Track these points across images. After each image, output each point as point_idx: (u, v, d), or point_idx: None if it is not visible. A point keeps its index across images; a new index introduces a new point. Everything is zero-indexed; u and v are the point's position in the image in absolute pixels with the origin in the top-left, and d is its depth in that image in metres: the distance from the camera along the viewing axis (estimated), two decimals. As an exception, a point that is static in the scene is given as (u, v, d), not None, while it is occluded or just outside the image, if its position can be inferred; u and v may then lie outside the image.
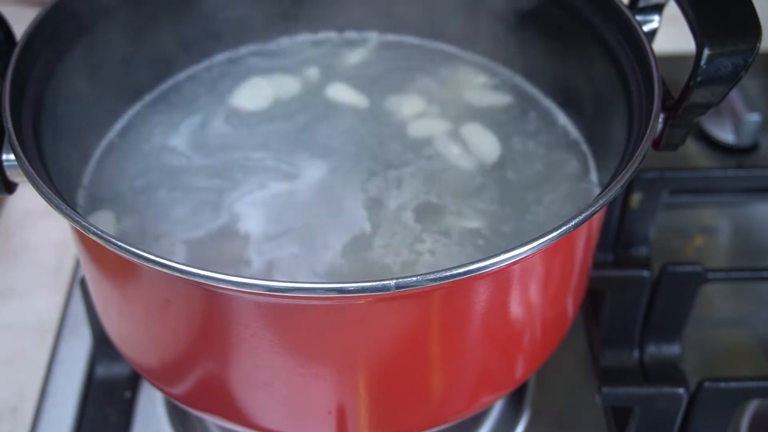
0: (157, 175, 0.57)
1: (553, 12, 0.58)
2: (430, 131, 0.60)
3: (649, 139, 0.46)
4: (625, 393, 0.57)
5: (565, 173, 0.57)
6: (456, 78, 0.64)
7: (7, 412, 0.63)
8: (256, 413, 0.48)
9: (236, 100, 0.62)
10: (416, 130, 0.60)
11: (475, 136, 0.60)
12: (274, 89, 0.63)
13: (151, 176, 0.57)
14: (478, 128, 0.60)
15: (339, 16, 0.67)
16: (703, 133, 0.82)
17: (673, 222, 0.75)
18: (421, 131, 0.60)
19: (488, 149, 0.59)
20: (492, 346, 0.48)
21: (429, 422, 0.50)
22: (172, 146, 0.59)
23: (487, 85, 0.64)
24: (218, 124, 0.61)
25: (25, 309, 0.70)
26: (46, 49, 0.51)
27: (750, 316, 0.69)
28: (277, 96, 0.63)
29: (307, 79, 0.64)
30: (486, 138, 0.60)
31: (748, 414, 0.60)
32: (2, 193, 0.48)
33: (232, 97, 0.63)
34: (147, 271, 0.43)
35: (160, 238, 0.53)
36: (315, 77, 0.64)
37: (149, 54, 0.61)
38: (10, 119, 0.46)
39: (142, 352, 0.51)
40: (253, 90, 0.63)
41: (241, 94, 0.63)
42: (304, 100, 0.63)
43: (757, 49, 0.45)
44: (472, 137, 0.60)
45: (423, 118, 0.61)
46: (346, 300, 0.41)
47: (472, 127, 0.60)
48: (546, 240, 0.40)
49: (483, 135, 0.60)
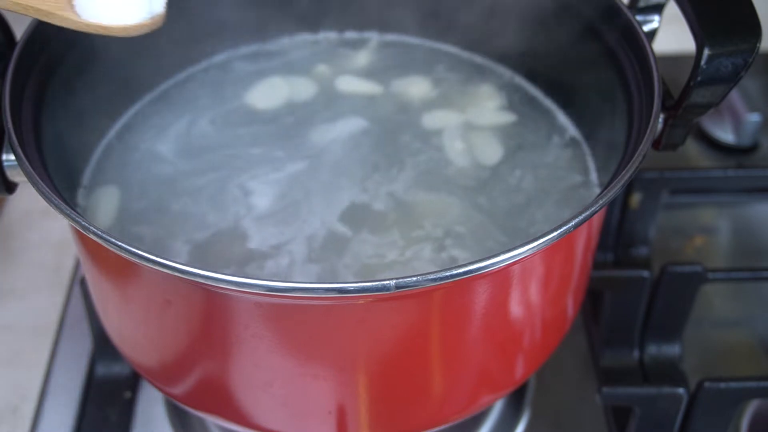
0: (157, 175, 0.57)
1: (553, 12, 0.58)
2: (440, 125, 0.61)
3: (649, 139, 0.46)
4: (625, 393, 0.57)
5: (564, 173, 0.57)
6: (456, 78, 0.65)
7: (7, 412, 0.63)
8: (256, 413, 0.48)
9: (251, 99, 0.62)
10: (427, 122, 0.61)
11: (478, 138, 0.60)
12: (290, 89, 0.63)
13: (151, 176, 0.57)
14: (479, 128, 0.60)
15: (339, 16, 0.67)
16: (703, 133, 0.82)
17: (673, 222, 0.75)
18: (432, 125, 0.61)
19: (490, 151, 0.59)
20: (492, 346, 0.48)
21: (429, 422, 0.50)
22: (171, 147, 0.59)
23: (487, 85, 0.64)
24: (222, 123, 0.61)
25: (25, 309, 0.70)
26: (46, 49, 0.51)
27: (750, 316, 0.69)
28: (291, 96, 0.63)
29: (319, 79, 0.64)
30: (488, 140, 0.60)
31: (748, 414, 0.60)
32: (2, 193, 0.48)
33: (246, 96, 0.63)
34: (147, 271, 0.43)
35: (162, 236, 0.53)
36: (325, 76, 0.64)
37: (149, 54, 0.61)
38: (10, 119, 0.46)
39: (142, 352, 0.51)
40: (269, 89, 0.63)
41: (257, 93, 0.63)
42: (317, 99, 0.63)
43: (757, 49, 0.45)
44: (476, 139, 0.60)
45: (432, 112, 0.62)
46: (346, 300, 0.41)
47: (474, 129, 0.60)
48: (546, 240, 0.40)
49: (485, 136, 0.60)
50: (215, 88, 0.64)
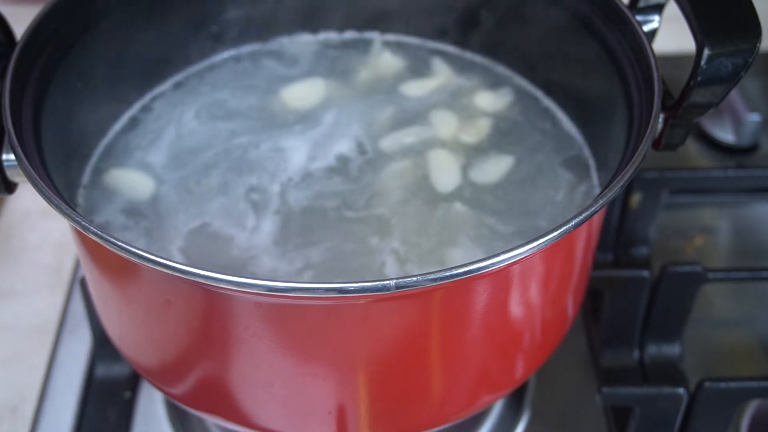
0: (156, 177, 0.57)
1: (553, 12, 0.58)
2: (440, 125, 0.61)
3: (649, 139, 0.46)
4: (625, 393, 0.57)
5: (564, 173, 0.57)
6: (455, 78, 0.65)
7: (7, 412, 0.63)
8: (256, 413, 0.48)
9: (285, 96, 0.63)
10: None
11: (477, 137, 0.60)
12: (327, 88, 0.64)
13: (150, 178, 0.57)
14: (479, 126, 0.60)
15: (339, 16, 0.67)
16: (703, 133, 0.82)
17: (673, 222, 0.75)
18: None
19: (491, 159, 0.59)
20: (492, 346, 0.48)
21: (429, 422, 0.50)
22: (167, 150, 0.59)
23: (487, 85, 0.64)
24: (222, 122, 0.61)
25: (25, 309, 0.70)
26: (46, 49, 0.51)
27: (750, 316, 0.69)
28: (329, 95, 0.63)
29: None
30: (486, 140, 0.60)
31: (748, 414, 0.60)
32: (2, 193, 0.48)
33: (281, 93, 0.63)
34: (147, 271, 0.43)
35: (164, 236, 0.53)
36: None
37: (149, 54, 0.61)
38: (10, 119, 0.46)
39: (142, 352, 0.51)
40: (307, 88, 0.63)
41: (293, 91, 0.63)
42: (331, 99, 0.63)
43: (757, 49, 0.45)
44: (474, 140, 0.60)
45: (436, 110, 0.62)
46: (346, 300, 0.41)
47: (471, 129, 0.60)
48: (546, 240, 0.40)
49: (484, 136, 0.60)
50: (215, 87, 0.64)
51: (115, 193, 0.56)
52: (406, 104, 0.62)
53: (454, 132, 0.60)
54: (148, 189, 0.56)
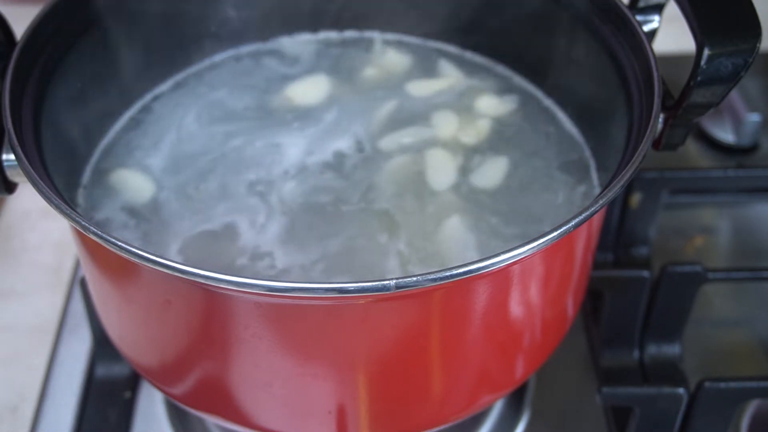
0: (155, 177, 0.57)
1: (553, 12, 0.58)
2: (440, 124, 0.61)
3: (649, 139, 0.46)
4: (625, 393, 0.57)
5: (564, 173, 0.57)
6: (455, 77, 0.65)
7: (7, 412, 0.63)
8: (256, 413, 0.48)
9: (290, 93, 0.63)
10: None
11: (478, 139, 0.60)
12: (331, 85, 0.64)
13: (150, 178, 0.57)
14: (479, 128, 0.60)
15: (339, 16, 0.67)
16: (703, 133, 0.82)
17: (673, 222, 0.75)
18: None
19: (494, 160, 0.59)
20: (492, 346, 0.48)
21: (429, 422, 0.50)
22: (167, 151, 0.59)
23: (487, 85, 0.64)
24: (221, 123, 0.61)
25: (25, 309, 0.70)
26: (46, 49, 0.51)
27: (750, 316, 0.69)
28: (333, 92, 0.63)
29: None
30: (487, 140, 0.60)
31: (748, 414, 0.60)
32: (2, 193, 0.48)
33: (285, 90, 0.63)
34: (147, 271, 0.43)
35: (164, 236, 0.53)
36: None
37: (149, 54, 0.61)
38: (10, 119, 0.46)
39: (142, 352, 0.51)
40: (311, 85, 0.63)
41: (298, 88, 0.63)
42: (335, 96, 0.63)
43: (757, 49, 0.45)
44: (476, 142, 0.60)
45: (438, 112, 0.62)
46: (346, 300, 0.41)
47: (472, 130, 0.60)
48: (546, 240, 0.40)
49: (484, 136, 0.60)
50: (215, 88, 0.64)
51: (116, 193, 0.56)
52: (409, 104, 0.62)
53: (454, 133, 0.60)
54: (148, 189, 0.56)
